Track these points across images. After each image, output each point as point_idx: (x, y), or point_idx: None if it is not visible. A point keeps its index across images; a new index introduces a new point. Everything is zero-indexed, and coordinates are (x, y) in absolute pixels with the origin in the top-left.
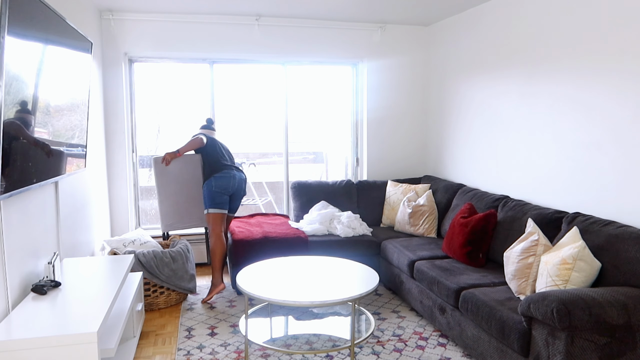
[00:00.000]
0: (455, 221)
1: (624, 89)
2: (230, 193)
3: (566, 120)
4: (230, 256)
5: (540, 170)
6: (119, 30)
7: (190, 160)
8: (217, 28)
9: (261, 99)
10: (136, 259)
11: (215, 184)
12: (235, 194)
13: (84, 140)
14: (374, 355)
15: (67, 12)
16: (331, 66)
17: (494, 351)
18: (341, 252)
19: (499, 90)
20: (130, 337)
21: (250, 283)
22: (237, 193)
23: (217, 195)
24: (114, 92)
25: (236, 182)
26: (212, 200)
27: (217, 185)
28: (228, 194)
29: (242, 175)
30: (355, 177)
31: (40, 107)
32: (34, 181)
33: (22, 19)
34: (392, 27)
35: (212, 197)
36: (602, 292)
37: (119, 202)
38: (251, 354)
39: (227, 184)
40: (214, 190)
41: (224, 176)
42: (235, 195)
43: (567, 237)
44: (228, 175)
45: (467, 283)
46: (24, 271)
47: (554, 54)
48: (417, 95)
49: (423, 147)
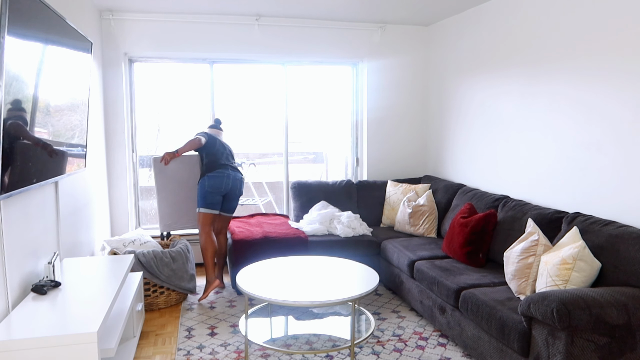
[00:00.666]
0: (455, 221)
1: (624, 89)
2: (224, 193)
3: (566, 120)
4: (230, 256)
5: (540, 170)
6: (119, 30)
7: (189, 161)
8: (217, 28)
9: (261, 99)
10: (136, 259)
11: (208, 183)
12: (229, 194)
13: (84, 140)
14: (374, 355)
15: (67, 12)
16: (331, 66)
17: (494, 351)
18: (341, 252)
19: (499, 90)
20: (130, 337)
21: (250, 283)
22: (231, 193)
23: (209, 195)
24: (114, 92)
25: (230, 181)
26: (203, 199)
27: (210, 184)
28: (221, 193)
29: (237, 175)
30: (355, 177)
31: (40, 107)
32: (34, 181)
33: (22, 19)
34: (392, 27)
35: (204, 196)
36: (602, 292)
37: (119, 202)
38: (251, 354)
39: (220, 183)
40: (206, 190)
41: (217, 175)
42: (230, 195)
43: (567, 237)
44: (221, 174)
45: (467, 283)
46: (24, 271)
47: (554, 54)
48: (417, 95)
49: (423, 147)
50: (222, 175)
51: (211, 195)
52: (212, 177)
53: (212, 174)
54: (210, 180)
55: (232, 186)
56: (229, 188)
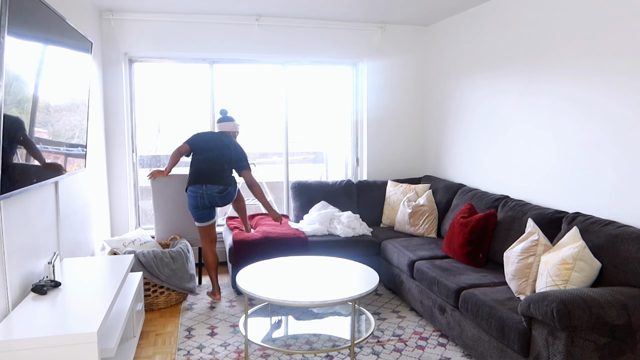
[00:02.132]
0: (455, 221)
1: (624, 89)
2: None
3: (566, 119)
4: (230, 256)
5: (540, 170)
6: (119, 30)
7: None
8: (217, 28)
9: (261, 99)
10: (136, 259)
11: (189, 202)
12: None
13: (84, 140)
14: (374, 355)
15: (67, 12)
16: (331, 66)
17: (494, 351)
18: (341, 252)
19: (499, 90)
20: (130, 337)
21: (250, 283)
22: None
23: (194, 212)
24: (114, 92)
25: (205, 200)
26: (193, 215)
27: (190, 203)
28: (204, 208)
29: (214, 189)
30: (355, 177)
31: (40, 107)
32: (34, 181)
33: (22, 19)
34: (392, 27)
35: (192, 213)
36: (602, 292)
37: (119, 202)
38: (251, 354)
39: (196, 203)
40: (190, 208)
41: (191, 195)
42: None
43: (567, 237)
44: (195, 194)
45: (467, 283)
46: (24, 271)
47: (554, 54)
48: (417, 95)
49: (423, 147)
50: (195, 195)
51: (195, 211)
52: (189, 196)
53: (189, 191)
54: (189, 198)
55: (210, 201)
56: (207, 204)
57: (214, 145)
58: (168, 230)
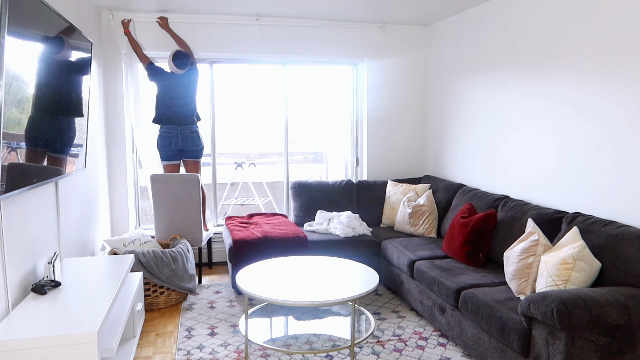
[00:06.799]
0: (455, 221)
1: (623, 90)
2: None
3: (566, 120)
4: (230, 256)
5: (540, 170)
6: (119, 30)
7: (187, 182)
8: (217, 28)
9: (261, 99)
10: (136, 259)
11: (159, 142)
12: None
13: (83, 140)
14: (374, 355)
15: (67, 12)
16: (331, 66)
17: (494, 351)
18: (341, 252)
19: (499, 90)
20: (130, 337)
21: (250, 283)
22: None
23: (162, 152)
24: (114, 92)
25: (179, 141)
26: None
27: (160, 144)
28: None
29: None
30: (355, 177)
31: (40, 107)
32: (34, 181)
33: (22, 19)
34: (392, 27)
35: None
36: (602, 292)
37: (119, 202)
38: (251, 354)
39: (169, 144)
40: (159, 148)
41: (162, 135)
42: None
43: (567, 237)
44: (169, 135)
45: (467, 283)
46: (24, 271)
47: (554, 55)
48: (417, 95)
49: (423, 147)
50: (170, 135)
51: (164, 152)
52: (160, 136)
53: (160, 132)
54: (160, 139)
55: (183, 145)
56: (179, 147)
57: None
58: (168, 230)
